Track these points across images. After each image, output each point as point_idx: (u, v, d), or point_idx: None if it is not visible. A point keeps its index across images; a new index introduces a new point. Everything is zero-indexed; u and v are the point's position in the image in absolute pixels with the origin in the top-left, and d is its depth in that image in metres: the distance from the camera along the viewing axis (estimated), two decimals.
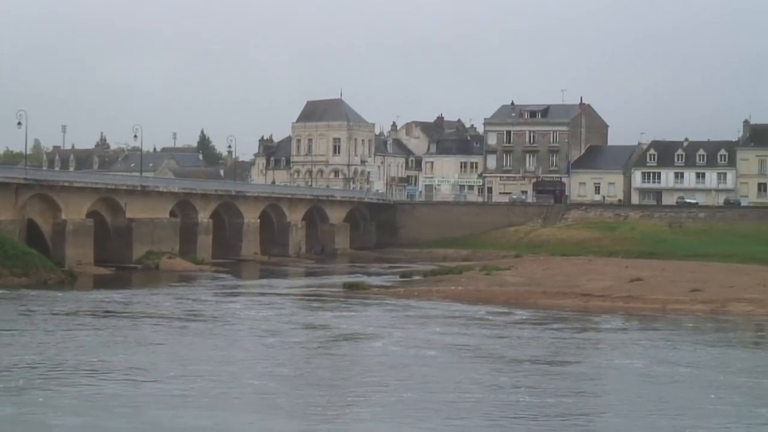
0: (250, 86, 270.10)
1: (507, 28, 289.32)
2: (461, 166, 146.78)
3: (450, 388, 37.14)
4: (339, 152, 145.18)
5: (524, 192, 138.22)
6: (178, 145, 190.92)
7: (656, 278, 74.09)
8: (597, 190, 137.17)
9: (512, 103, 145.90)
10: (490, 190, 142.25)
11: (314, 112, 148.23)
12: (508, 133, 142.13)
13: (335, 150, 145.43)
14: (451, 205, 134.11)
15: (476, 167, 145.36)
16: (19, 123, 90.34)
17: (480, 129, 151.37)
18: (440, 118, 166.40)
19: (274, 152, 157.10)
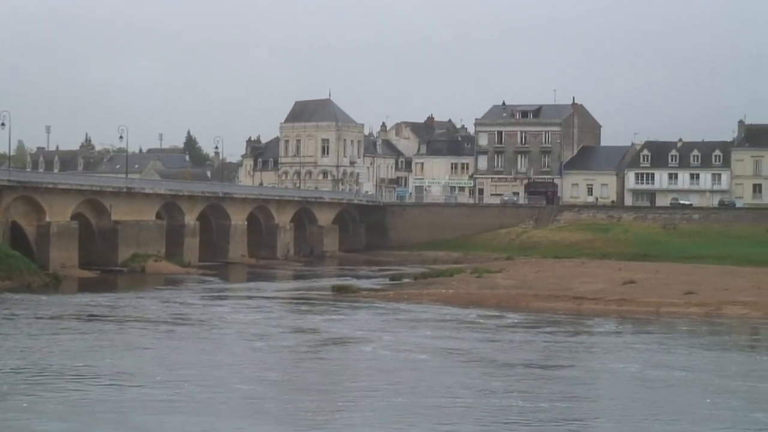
0: (237, 86, 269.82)
1: (498, 27, 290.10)
2: (452, 167, 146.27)
3: (441, 393, 36.91)
4: (328, 153, 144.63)
5: (516, 193, 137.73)
6: (164, 146, 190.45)
7: (650, 281, 73.92)
8: (590, 191, 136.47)
9: (504, 103, 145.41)
10: (481, 191, 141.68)
11: (302, 112, 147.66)
12: (500, 133, 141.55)
13: (324, 151, 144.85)
14: (441, 206, 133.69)
15: (467, 168, 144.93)
16: (2, 123, 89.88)
17: (471, 129, 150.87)
18: (430, 119, 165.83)
19: (261, 153, 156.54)
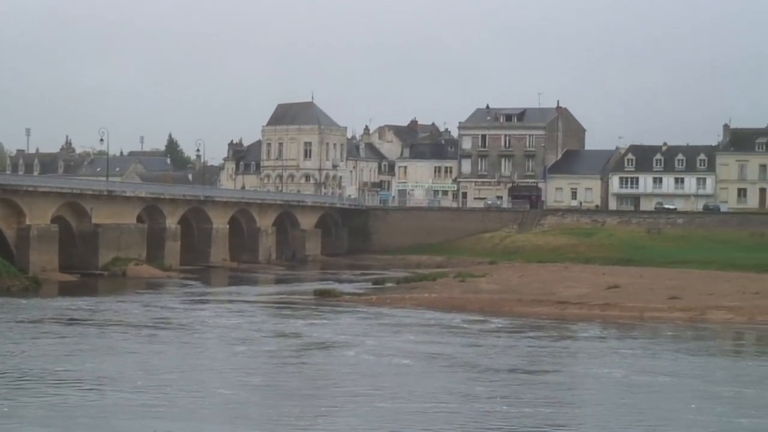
0: (219, 89, 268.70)
1: (483, 30, 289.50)
2: (435, 171, 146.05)
3: (424, 398, 36.67)
4: (310, 156, 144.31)
5: (499, 197, 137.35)
6: (145, 149, 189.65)
7: (634, 285, 73.76)
8: (574, 195, 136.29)
9: (488, 107, 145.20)
10: (464, 195, 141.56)
11: (285, 115, 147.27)
12: (483, 137, 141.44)
13: (306, 154, 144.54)
14: (424, 210, 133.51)
15: (450, 172, 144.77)
16: None
17: (454, 133, 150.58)
18: (414, 122, 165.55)
19: (243, 156, 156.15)
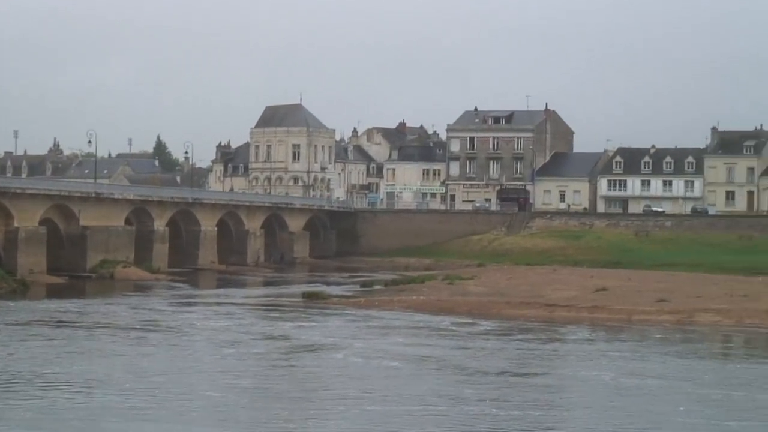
0: (207, 91, 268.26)
1: (471, 32, 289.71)
2: (423, 173, 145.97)
3: (413, 401, 36.63)
4: (298, 159, 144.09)
5: (488, 200, 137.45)
6: (133, 151, 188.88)
7: (622, 288, 73.75)
8: (562, 197, 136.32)
9: (476, 109, 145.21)
10: (453, 197, 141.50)
11: (273, 117, 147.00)
12: (472, 139, 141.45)
13: (294, 156, 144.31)
14: (413, 213, 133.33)
15: (439, 174, 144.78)
16: None
17: (443, 135, 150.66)
18: (402, 124, 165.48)
19: (231, 159, 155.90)
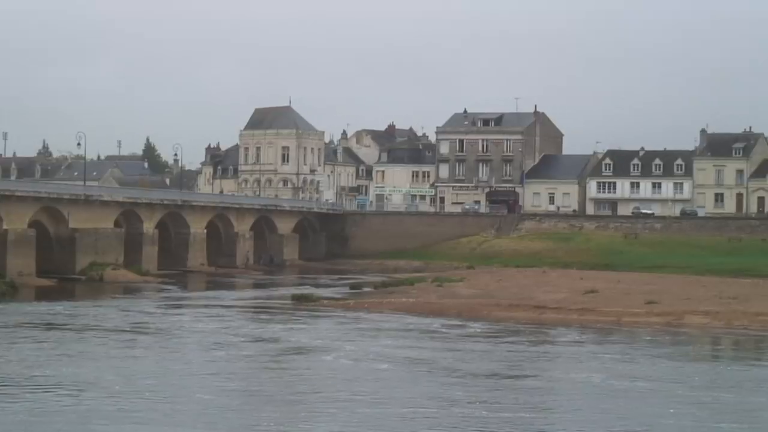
0: (196, 93, 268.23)
1: (461, 35, 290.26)
2: (413, 176, 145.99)
3: (404, 403, 36.60)
4: (288, 161, 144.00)
5: (477, 202, 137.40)
6: (122, 153, 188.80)
7: (611, 290, 73.77)
8: (551, 200, 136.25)
9: (465, 111, 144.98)
10: (442, 200, 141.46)
11: (262, 119, 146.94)
12: (461, 141, 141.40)
13: (284, 158, 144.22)
14: (402, 215, 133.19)
15: (428, 177, 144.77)
16: None
17: (432, 137, 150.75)
18: (391, 126, 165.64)
19: (221, 161, 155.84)
